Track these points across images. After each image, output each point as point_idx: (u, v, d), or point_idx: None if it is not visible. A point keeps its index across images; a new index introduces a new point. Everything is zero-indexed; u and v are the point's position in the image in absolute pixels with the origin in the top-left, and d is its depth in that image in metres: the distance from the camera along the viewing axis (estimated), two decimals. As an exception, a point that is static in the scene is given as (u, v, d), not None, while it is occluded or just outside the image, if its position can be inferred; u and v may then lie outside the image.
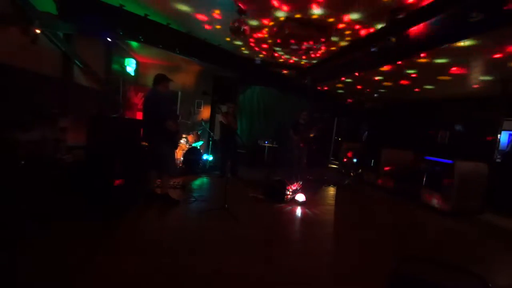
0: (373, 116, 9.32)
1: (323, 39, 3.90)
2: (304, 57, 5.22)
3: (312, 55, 5.07)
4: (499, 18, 2.49)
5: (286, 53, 5.07)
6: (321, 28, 3.79)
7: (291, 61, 5.72)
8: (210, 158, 6.37)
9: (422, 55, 4.07)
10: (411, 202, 5.25)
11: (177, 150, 4.69)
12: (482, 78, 4.90)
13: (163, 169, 3.68)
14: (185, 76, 6.83)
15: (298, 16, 3.58)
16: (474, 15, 2.43)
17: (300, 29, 3.74)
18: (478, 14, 2.41)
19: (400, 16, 3.12)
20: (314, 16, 3.54)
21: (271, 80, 6.73)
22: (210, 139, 6.54)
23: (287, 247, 2.84)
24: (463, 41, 3.37)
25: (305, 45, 4.03)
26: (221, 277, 2.10)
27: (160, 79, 3.61)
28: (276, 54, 5.22)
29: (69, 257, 2.13)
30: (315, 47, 4.11)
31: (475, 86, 5.46)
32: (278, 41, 4.14)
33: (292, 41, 3.97)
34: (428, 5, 2.96)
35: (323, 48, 4.49)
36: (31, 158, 3.11)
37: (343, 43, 4.37)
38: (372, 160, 7.04)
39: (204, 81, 6.93)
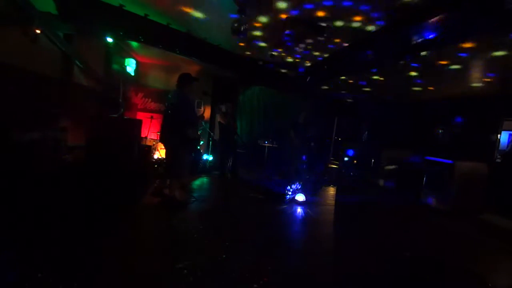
0: (373, 116, 9.31)
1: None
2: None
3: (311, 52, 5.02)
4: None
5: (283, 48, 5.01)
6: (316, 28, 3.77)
7: (290, 59, 5.71)
8: (210, 158, 6.38)
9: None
10: (411, 202, 5.25)
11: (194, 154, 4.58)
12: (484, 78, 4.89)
13: (175, 172, 3.62)
14: (185, 76, 6.82)
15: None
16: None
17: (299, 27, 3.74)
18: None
19: None
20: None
21: (271, 80, 6.73)
22: (210, 139, 6.54)
23: (287, 247, 2.84)
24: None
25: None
26: (221, 277, 2.10)
27: (186, 80, 3.46)
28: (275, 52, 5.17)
29: (69, 257, 2.13)
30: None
31: (476, 85, 5.46)
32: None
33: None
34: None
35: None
36: (31, 158, 3.11)
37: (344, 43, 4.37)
38: (372, 160, 7.04)
39: (204, 81, 6.93)
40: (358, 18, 3.41)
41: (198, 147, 6.07)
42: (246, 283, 2.07)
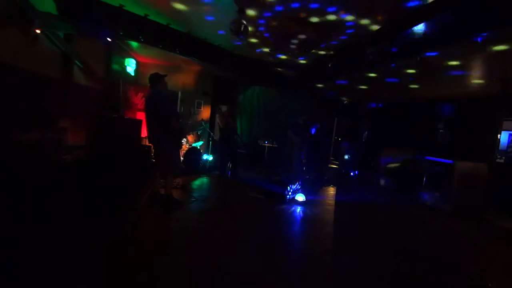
0: (373, 116, 9.32)
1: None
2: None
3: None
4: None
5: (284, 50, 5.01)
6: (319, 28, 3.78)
7: (290, 60, 5.72)
8: (210, 158, 6.38)
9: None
10: (411, 202, 5.25)
11: (180, 150, 4.68)
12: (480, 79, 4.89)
13: (167, 170, 3.66)
14: (185, 76, 6.83)
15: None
16: None
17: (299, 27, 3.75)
18: None
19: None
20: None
21: (271, 80, 6.73)
22: (210, 139, 6.54)
23: (287, 247, 2.84)
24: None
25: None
26: (221, 277, 2.10)
27: (156, 78, 3.57)
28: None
29: (69, 257, 2.13)
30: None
31: (475, 86, 5.46)
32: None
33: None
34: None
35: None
36: (31, 158, 3.11)
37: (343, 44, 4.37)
38: (372, 160, 7.04)
39: (204, 81, 6.93)
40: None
41: (199, 147, 6.07)
42: (247, 282, 2.07)
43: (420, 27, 3.13)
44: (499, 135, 5.53)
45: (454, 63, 4.28)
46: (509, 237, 3.93)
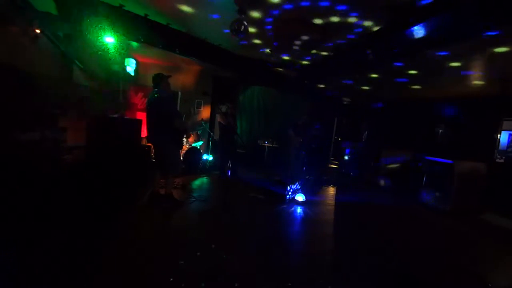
0: (373, 116, 9.31)
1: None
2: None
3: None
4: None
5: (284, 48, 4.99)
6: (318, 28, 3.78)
7: (289, 60, 5.71)
8: (210, 158, 6.38)
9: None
10: (411, 202, 5.25)
11: (181, 150, 4.69)
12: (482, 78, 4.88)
13: (167, 169, 3.66)
14: (185, 76, 6.83)
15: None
16: None
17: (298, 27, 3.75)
18: None
19: None
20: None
21: (271, 80, 6.73)
22: (210, 139, 6.54)
23: (287, 247, 2.84)
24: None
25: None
26: (221, 277, 2.10)
27: (160, 79, 3.59)
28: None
29: (68, 257, 2.13)
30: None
31: (476, 86, 5.45)
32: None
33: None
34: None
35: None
36: (31, 158, 3.11)
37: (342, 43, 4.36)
38: (372, 160, 7.04)
39: (204, 81, 6.93)
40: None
41: (199, 147, 6.07)
42: (246, 282, 2.07)
43: (420, 27, 3.12)
44: (499, 135, 5.53)
45: (455, 63, 4.28)
46: (508, 237, 3.93)
